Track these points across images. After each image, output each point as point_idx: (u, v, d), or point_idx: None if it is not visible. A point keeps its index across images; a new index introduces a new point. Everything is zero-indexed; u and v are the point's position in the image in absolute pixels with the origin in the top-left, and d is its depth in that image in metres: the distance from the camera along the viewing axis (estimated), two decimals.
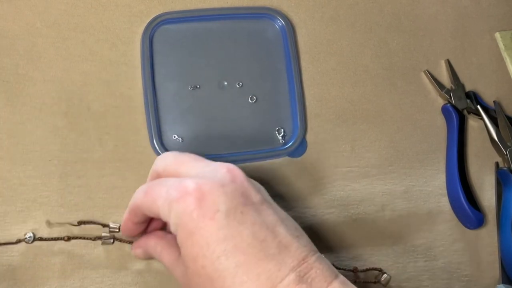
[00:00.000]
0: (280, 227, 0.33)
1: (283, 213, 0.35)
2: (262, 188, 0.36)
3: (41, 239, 0.41)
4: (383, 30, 0.51)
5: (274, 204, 0.35)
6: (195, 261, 0.31)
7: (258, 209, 0.33)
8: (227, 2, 0.48)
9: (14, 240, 0.40)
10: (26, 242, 0.40)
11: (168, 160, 0.37)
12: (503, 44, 0.52)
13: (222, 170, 0.34)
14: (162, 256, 0.37)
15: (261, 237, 0.31)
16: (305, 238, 0.34)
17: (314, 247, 0.34)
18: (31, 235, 0.40)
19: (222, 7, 0.47)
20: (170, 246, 0.36)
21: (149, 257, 0.39)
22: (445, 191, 0.48)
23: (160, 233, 0.38)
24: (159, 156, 0.38)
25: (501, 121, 0.49)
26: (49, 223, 0.41)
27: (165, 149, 0.44)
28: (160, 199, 0.33)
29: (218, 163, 0.35)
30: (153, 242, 0.38)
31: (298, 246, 0.32)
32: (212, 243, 0.31)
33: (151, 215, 0.35)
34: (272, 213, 0.33)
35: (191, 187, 0.32)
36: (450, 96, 0.50)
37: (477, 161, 0.49)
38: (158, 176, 0.37)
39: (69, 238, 0.40)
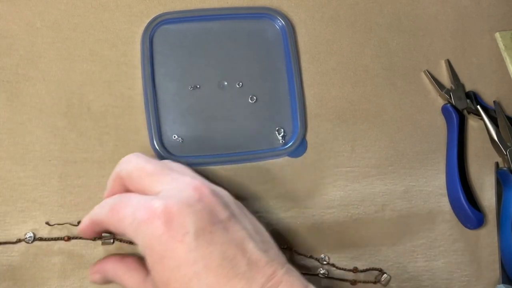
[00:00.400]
0: (248, 243, 0.33)
1: (251, 224, 0.35)
2: (229, 199, 0.36)
3: (41, 239, 0.41)
4: (383, 30, 0.51)
5: (242, 215, 0.35)
6: (167, 284, 0.31)
7: (226, 226, 0.33)
8: (227, 2, 0.48)
9: (14, 240, 0.40)
10: (26, 242, 0.40)
11: (132, 166, 0.36)
12: (503, 44, 0.52)
13: (188, 188, 0.33)
14: (124, 280, 0.36)
15: (231, 256, 0.31)
16: (273, 251, 0.34)
17: (283, 259, 0.34)
18: (31, 235, 0.40)
19: (222, 7, 0.47)
20: (131, 269, 0.36)
21: (108, 282, 0.39)
22: (445, 191, 0.48)
23: (116, 257, 0.38)
24: (124, 159, 0.37)
25: (501, 121, 0.49)
26: (49, 223, 0.41)
27: (165, 149, 0.44)
28: (127, 219, 0.33)
29: (184, 179, 0.34)
30: (111, 267, 0.37)
31: (267, 261, 0.32)
32: (183, 265, 0.31)
33: (115, 231, 0.35)
34: (240, 229, 0.33)
35: (159, 209, 0.32)
36: (450, 96, 0.50)
37: (477, 161, 0.49)
38: (120, 180, 0.36)
39: (69, 238, 0.40)
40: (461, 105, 0.49)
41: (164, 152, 0.43)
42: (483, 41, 0.52)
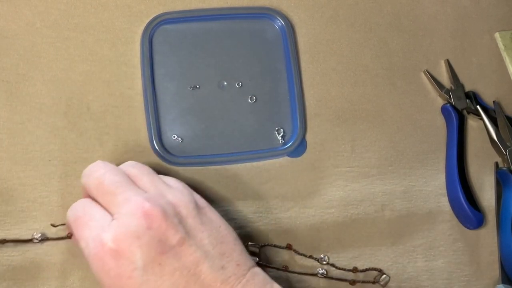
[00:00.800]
0: (203, 264, 0.32)
1: (210, 236, 0.34)
2: (186, 209, 0.35)
3: (48, 239, 0.40)
4: (383, 30, 0.51)
5: (200, 227, 0.34)
6: None
7: (177, 252, 0.32)
8: (227, 2, 0.48)
9: (25, 238, 0.40)
10: (36, 241, 0.40)
11: (92, 181, 0.36)
12: (503, 44, 0.52)
13: (138, 215, 0.33)
14: None
15: (182, 285, 0.31)
16: (232, 263, 0.34)
17: (244, 268, 0.34)
18: (41, 234, 0.40)
19: (222, 7, 0.47)
20: None
21: None
22: (445, 191, 0.48)
23: None
24: (85, 171, 0.37)
25: (500, 121, 0.49)
26: (53, 225, 0.41)
27: (165, 149, 0.44)
28: (82, 241, 0.33)
29: (136, 200, 0.33)
30: None
31: (223, 279, 0.32)
32: None
33: None
34: (193, 251, 0.33)
35: (108, 245, 0.31)
36: (450, 96, 0.50)
37: (476, 161, 0.49)
38: (86, 191, 0.37)
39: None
40: (461, 105, 0.49)
41: (164, 152, 0.43)
42: (483, 41, 0.52)
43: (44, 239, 0.40)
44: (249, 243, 0.43)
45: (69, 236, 0.40)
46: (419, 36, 0.51)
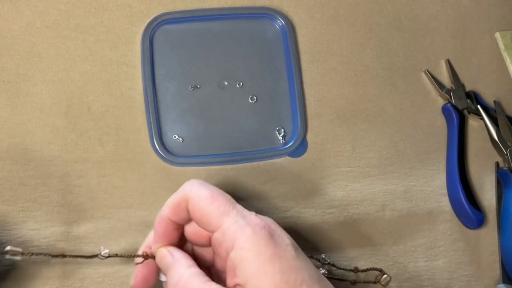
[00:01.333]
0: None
1: None
2: None
3: (116, 255, 0.38)
4: (383, 30, 0.51)
5: None
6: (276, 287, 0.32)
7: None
8: (227, 2, 0.48)
9: (89, 255, 0.37)
10: (100, 258, 0.37)
11: (199, 194, 0.35)
12: (503, 44, 0.52)
13: (262, 217, 0.35)
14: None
15: (317, 275, 0.33)
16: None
17: None
18: (107, 251, 0.38)
19: (222, 7, 0.47)
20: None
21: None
22: (445, 191, 0.48)
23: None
24: (191, 186, 0.35)
25: (501, 121, 0.49)
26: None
27: (166, 149, 0.44)
28: (229, 217, 0.33)
29: (249, 212, 0.35)
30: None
31: None
32: (292, 270, 0.32)
33: (200, 220, 0.34)
34: None
35: (262, 223, 0.33)
36: (451, 96, 0.50)
37: (477, 161, 0.49)
38: (185, 202, 0.35)
39: (148, 256, 0.36)
40: (461, 105, 0.49)
41: (164, 152, 0.43)
42: (483, 41, 0.52)
43: (112, 255, 0.37)
44: None
45: (146, 255, 0.36)
46: (420, 36, 0.51)
